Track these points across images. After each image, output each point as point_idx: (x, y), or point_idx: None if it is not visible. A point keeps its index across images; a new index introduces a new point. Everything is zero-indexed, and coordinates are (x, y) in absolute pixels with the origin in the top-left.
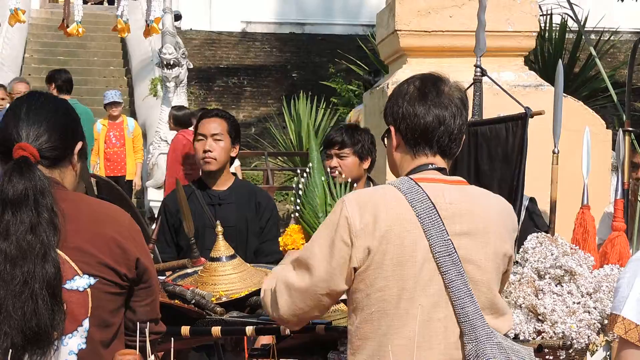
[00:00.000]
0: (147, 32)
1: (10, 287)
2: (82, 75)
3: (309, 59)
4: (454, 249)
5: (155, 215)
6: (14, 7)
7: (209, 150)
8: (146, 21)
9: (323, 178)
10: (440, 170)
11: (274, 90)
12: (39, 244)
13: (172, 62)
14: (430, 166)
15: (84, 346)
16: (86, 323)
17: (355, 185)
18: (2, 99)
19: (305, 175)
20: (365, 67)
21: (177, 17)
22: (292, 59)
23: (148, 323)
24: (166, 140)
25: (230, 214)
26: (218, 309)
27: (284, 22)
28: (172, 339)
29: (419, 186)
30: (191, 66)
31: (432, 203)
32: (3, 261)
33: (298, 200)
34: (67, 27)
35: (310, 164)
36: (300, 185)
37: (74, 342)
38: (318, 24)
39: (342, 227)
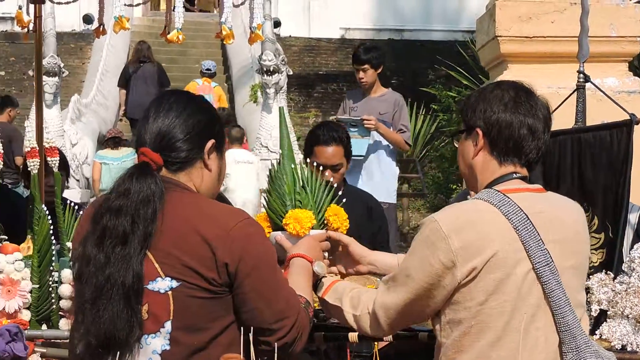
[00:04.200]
0: (252, 39)
1: (92, 289)
2: (184, 82)
3: (408, 65)
4: (551, 257)
5: None
6: (119, 15)
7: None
8: (250, 28)
9: (293, 165)
10: (523, 179)
11: None
12: (127, 252)
13: (271, 69)
14: (514, 175)
15: (167, 347)
16: (168, 325)
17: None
18: None
19: (275, 162)
20: (465, 73)
21: (277, 24)
22: (391, 65)
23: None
24: (267, 147)
25: None
26: (321, 314)
27: (383, 29)
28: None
29: (508, 197)
30: (291, 72)
31: (525, 214)
32: (91, 264)
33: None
34: (169, 34)
35: (281, 151)
36: (271, 172)
37: (157, 343)
38: (417, 30)
39: (440, 248)
